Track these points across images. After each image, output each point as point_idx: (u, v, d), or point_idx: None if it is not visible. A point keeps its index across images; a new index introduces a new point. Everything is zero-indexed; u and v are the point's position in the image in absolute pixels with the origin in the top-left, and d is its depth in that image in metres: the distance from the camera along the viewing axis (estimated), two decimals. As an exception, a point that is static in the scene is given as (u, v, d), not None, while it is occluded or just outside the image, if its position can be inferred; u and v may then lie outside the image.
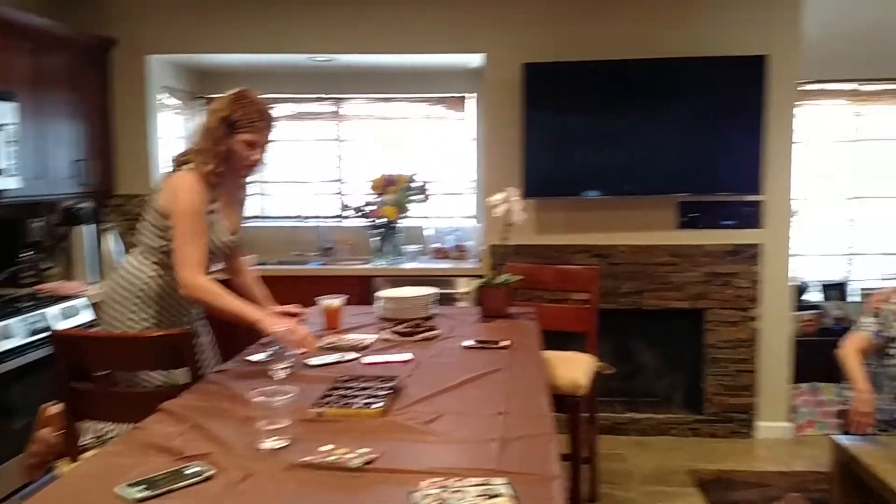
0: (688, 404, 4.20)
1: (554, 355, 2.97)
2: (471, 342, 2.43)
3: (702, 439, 4.03)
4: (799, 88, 3.89)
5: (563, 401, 2.76)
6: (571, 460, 2.83)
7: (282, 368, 1.88)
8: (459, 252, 4.33)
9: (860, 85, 4.51)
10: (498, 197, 2.91)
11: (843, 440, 2.80)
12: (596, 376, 3.07)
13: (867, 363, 2.98)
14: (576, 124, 3.88)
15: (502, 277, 2.93)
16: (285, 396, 1.55)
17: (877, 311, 3.05)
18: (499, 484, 1.31)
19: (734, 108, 3.78)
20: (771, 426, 4.03)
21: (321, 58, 4.17)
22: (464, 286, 3.92)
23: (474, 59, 4.08)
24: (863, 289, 4.34)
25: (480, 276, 3.29)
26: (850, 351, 2.98)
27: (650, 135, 3.85)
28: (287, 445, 1.51)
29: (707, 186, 3.87)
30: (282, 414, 1.54)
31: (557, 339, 3.04)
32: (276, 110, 2.71)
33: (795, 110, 3.87)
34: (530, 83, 3.82)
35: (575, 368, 2.91)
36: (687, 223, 3.98)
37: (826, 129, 4.55)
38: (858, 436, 2.79)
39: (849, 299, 4.37)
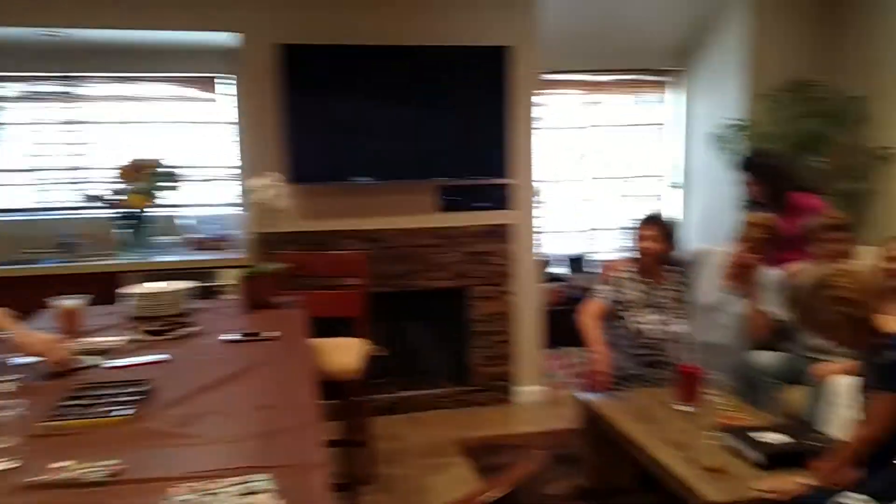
0: (456, 377, 4.40)
1: (325, 342, 2.96)
2: (234, 336, 2.32)
3: (469, 409, 4.25)
4: (540, 78, 4.21)
5: (336, 387, 2.76)
6: (346, 445, 2.84)
7: (7, 380, 1.66)
8: (222, 242, 4.13)
9: (596, 76, 5.02)
10: (260, 183, 2.81)
11: (587, 398, 3.11)
12: (369, 359, 3.10)
13: (604, 326, 3.33)
14: (339, 109, 3.86)
15: (267, 266, 2.85)
16: (8, 411, 1.37)
17: (610, 280, 3.43)
18: (259, 480, 1.27)
19: (482, 96, 3.99)
20: (528, 391, 4.37)
21: (51, 31, 3.71)
22: (229, 278, 3.75)
23: (229, 38, 3.89)
24: (600, 260, 4.86)
25: (245, 267, 3.17)
26: (587, 317, 3.31)
27: (410, 121, 3.94)
28: (17, 466, 1.34)
29: (462, 171, 4.06)
30: (8, 431, 1.36)
31: (331, 326, 3.03)
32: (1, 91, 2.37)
33: (537, 99, 4.19)
34: (290, 65, 3.73)
35: (346, 354, 2.92)
36: (447, 206, 4.15)
37: (566, 116, 5.00)
38: (599, 393, 3.11)
39: (589, 270, 4.86)
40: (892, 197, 4.10)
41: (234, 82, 4.09)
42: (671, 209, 5.14)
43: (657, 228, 3.32)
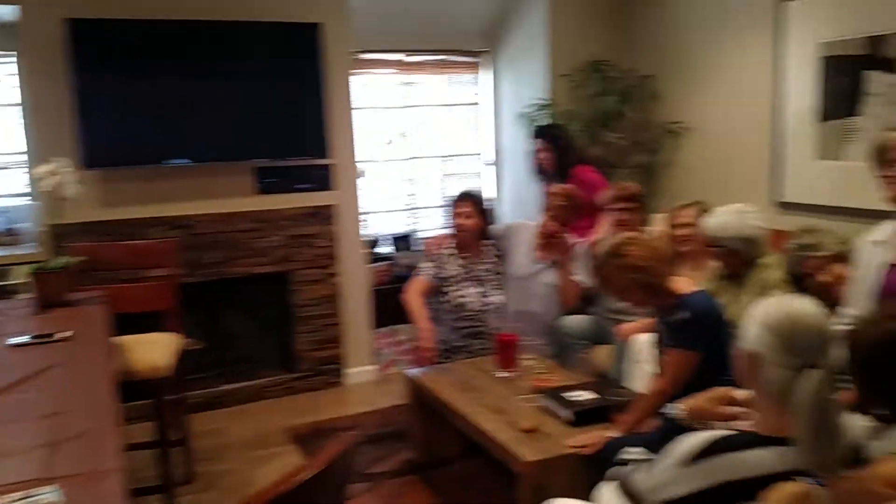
0: (282, 365, 4.30)
1: (132, 339, 2.77)
2: (22, 339, 2.11)
3: (297, 396, 4.16)
4: (354, 58, 4.17)
5: (147, 386, 2.60)
6: (159, 446, 2.68)
7: None
8: (10, 236, 3.73)
9: (409, 56, 5.04)
10: (44, 169, 2.55)
11: (414, 373, 3.17)
12: (182, 354, 2.94)
13: (430, 302, 3.40)
14: (140, 88, 3.58)
15: (58, 260, 2.60)
16: None
17: (432, 257, 3.49)
18: (45, 493, 1.17)
19: (297, 74, 3.88)
20: (358, 371, 4.36)
21: None
22: (20, 275, 3.40)
23: (7, 11, 3.48)
24: (424, 238, 4.93)
25: (35, 262, 2.87)
26: (412, 294, 3.36)
27: (221, 100, 3.75)
28: None
29: (280, 152, 3.94)
30: None
31: (140, 321, 2.84)
32: None
33: (353, 78, 4.15)
34: (78, 41, 3.41)
35: (155, 350, 2.75)
36: (265, 188, 4.01)
37: (384, 96, 5.00)
38: (425, 367, 3.17)
39: (414, 248, 4.93)
40: (681, 168, 4.50)
41: (15, 60, 3.68)
42: (489, 186, 5.33)
43: (471, 205, 3.43)
